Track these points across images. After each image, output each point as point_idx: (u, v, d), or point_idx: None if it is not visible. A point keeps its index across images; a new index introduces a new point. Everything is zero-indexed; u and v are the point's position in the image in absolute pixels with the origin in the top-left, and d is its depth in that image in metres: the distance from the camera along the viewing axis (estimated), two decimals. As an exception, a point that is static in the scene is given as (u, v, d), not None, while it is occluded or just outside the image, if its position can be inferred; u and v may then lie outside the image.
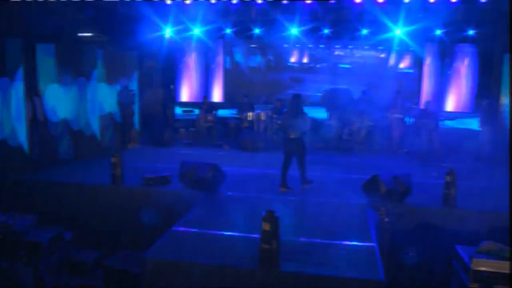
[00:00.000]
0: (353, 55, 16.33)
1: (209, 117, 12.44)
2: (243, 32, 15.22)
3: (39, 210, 7.11)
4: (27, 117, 8.71)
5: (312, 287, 4.77)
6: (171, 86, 16.53)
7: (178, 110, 15.37)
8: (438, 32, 13.77)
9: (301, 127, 7.81)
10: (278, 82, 16.66)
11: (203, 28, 15.06)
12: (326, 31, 14.36)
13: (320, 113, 13.00)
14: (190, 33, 15.29)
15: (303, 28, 14.59)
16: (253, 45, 16.88)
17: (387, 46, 15.70)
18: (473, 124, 12.40)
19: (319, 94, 14.84)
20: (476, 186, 8.05)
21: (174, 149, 11.63)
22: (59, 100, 9.81)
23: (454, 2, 12.77)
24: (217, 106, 13.97)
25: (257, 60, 17.08)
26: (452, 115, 13.61)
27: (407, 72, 16.01)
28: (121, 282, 5.92)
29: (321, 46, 16.31)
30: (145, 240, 5.68)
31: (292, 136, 7.77)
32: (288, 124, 7.83)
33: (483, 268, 5.14)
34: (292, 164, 7.89)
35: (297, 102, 7.91)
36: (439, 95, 15.34)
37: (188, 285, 5.03)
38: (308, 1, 13.50)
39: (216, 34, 15.74)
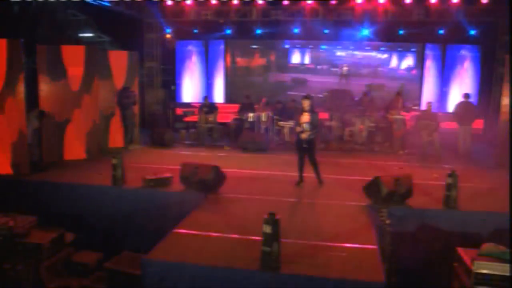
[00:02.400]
0: (354, 56, 16.29)
1: (210, 118, 12.43)
2: (244, 32, 15.19)
3: (40, 211, 7.10)
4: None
5: (313, 289, 4.76)
6: (172, 87, 16.53)
7: (179, 111, 15.37)
8: (439, 32, 13.75)
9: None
10: (279, 83, 16.65)
11: (204, 28, 15.05)
12: (327, 31, 14.35)
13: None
14: (191, 33, 15.28)
15: (304, 28, 14.58)
16: (254, 46, 16.86)
17: (388, 47, 15.70)
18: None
19: (320, 96, 14.81)
20: (477, 187, 8.04)
21: (175, 150, 11.63)
22: (59, 100, 9.84)
23: (455, 3, 12.77)
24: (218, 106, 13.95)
25: (258, 61, 17.06)
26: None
27: (408, 73, 15.99)
28: (123, 284, 5.91)
29: (323, 47, 16.30)
30: (146, 242, 5.67)
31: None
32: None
33: (485, 271, 5.10)
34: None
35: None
36: (440, 96, 15.35)
37: (190, 287, 5.03)
38: (309, 2, 13.49)
39: (217, 34, 15.73)
